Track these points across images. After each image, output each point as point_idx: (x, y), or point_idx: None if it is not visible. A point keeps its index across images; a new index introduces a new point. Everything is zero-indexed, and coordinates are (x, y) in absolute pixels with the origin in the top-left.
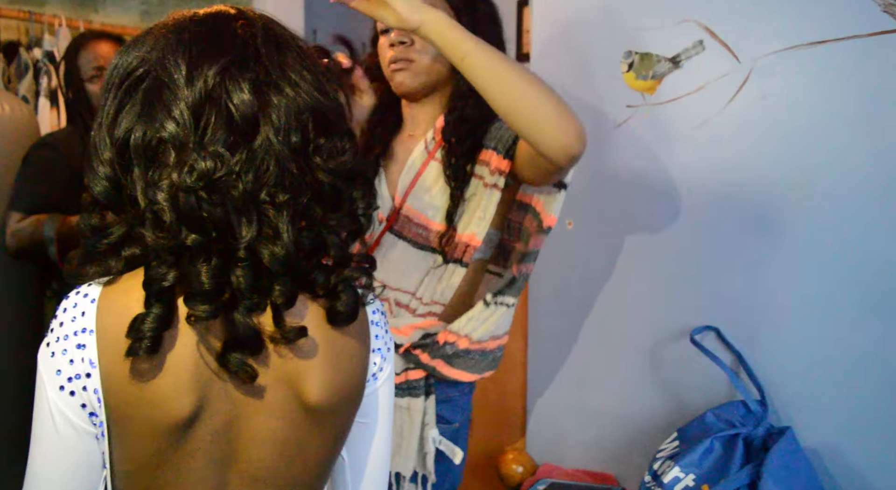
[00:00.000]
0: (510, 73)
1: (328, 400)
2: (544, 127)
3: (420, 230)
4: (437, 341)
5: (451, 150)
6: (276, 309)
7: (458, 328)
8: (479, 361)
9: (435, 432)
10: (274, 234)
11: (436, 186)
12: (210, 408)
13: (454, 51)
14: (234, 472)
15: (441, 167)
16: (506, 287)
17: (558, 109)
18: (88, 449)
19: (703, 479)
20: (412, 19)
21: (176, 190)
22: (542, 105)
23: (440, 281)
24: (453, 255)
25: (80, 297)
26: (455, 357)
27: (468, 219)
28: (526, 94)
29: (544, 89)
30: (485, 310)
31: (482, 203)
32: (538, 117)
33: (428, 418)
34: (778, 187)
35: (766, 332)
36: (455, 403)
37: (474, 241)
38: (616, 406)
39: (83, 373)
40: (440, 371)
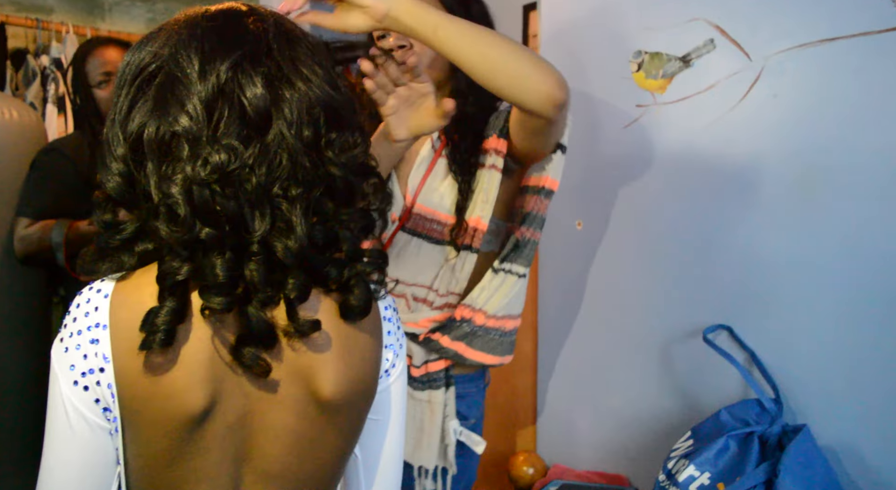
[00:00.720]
0: (483, 38)
1: (341, 395)
2: (525, 81)
3: (435, 225)
4: (454, 318)
5: (455, 146)
6: (290, 303)
7: (471, 301)
8: (498, 343)
9: (456, 423)
10: (287, 228)
11: (444, 183)
12: (224, 402)
13: (424, 26)
14: (248, 467)
15: (448, 163)
16: (511, 252)
17: (534, 62)
18: (102, 445)
19: (718, 478)
20: (378, 8)
21: (190, 183)
22: (519, 61)
23: (454, 271)
24: (463, 242)
25: (93, 293)
26: (474, 337)
27: (473, 204)
28: (501, 54)
29: (517, 47)
30: (494, 277)
31: (483, 185)
32: (517, 73)
33: (448, 410)
34: (790, 185)
35: (779, 331)
36: (471, 399)
37: (481, 225)
38: (628, 406)
39: (97, 367)
40: (462, 355)
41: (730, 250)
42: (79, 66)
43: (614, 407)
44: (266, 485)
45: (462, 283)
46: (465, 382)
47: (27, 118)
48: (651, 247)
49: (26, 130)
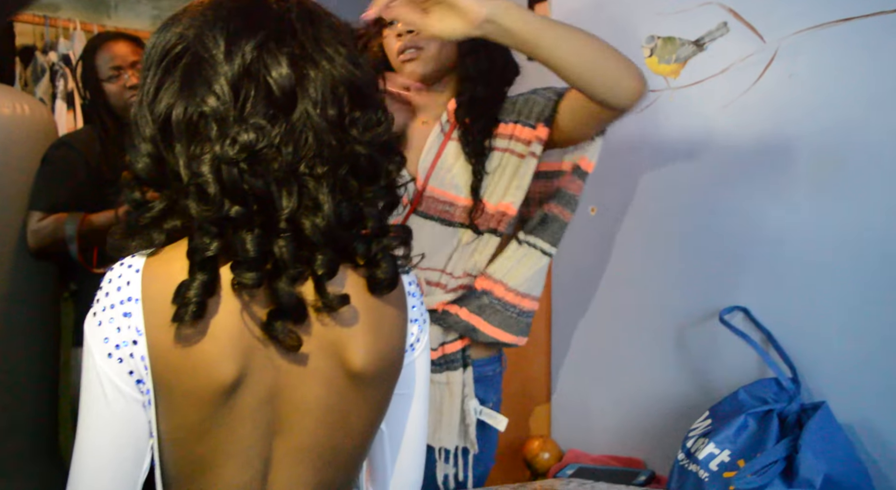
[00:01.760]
0: (579, 42)
1: (371, 367)
2: (618, 81)
3: (446, 207)
4: (473, 288)
5: (466, 129)
6: (318, 279)
7: (493, 271)
8: (515, 320)
9: (475, 403)
10: (314, 206)
11: (456, 165)
12: (254, 375)
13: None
14: (280, 441)
15: (459, 146)
16: (538, 225)
17: (622, 62)
18: (136, 417)
19: (738, 455)
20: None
21: (219, 162)
22: (610, 62)
23: (474, 253)
24: (488, 226)
25: (125, 268)
26: (492, 310)
27: (503, 190)
28: (596, 57)
29: (606, 47)
30: (518, 248)
31: (519, 171)
32: (611, 74)
33: (467, 389)
34: (806, 166)
35: (795, 312)
36: (488, 382)
37: (511, 211)
38: (643, 390)
39: (130, 340)
40: (478, 328)
41: (744, 232)
42: (88, 61)
43: (629, 391)
44: (297, 458)
45: (481, 265)
46: (482, 366)
47: (38, 113)
48: (665, 230)
49: (38, 125)
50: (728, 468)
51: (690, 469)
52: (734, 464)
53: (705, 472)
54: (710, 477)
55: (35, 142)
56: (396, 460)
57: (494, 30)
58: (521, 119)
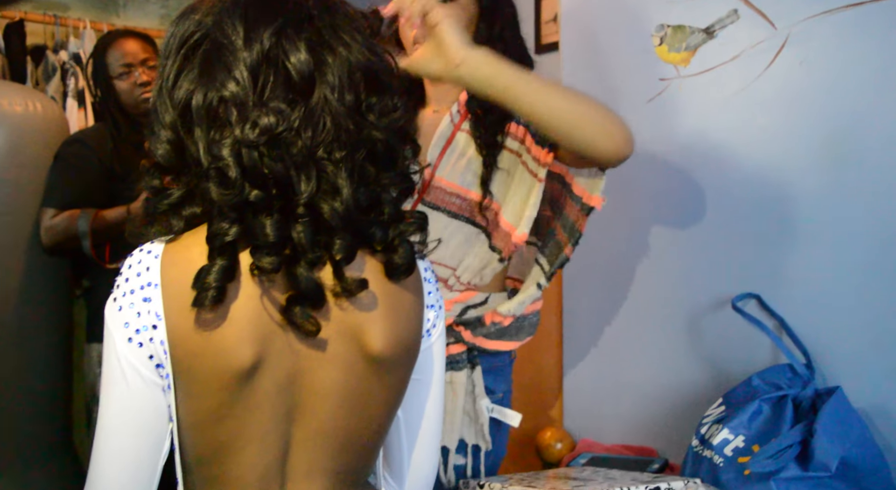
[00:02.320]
0: (556, 97)
1: (390, 351)
2: (597, 143)
3: (454, 199)
4: (482, 320)
5: (478, 120)
6: (337, 263)
7: (506, 310)
8: (518, 330)
9: (487, 401)
10: (333, 190)
11: (465, 156)
12: (273, 360)
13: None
14: (298, 425)
15: (469, 137)
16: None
17: (606, 121)
18: (156, 401)
19: (753, 440)
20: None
21: (239, 146)
22: (592, 123)
23: (483, 268)
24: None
25: (144, 254)
26: (498, 334)
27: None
28: (574, 113)
29: (591, 105)
30: (536, 292)
31: (531, 200)
32: (590, 135)
33: (478, 389)
34: (817, 152)
35: (808, 298)
36: (498, 373)
37: (522, 241)
38: (655, 379)
39: (150, 325)
40: (481, 346)
41: (756, 219)
42: (99, 59)
43: (641, 380)
44: (316, 443)
45: (486, 280)
46: (491, 357)
47: (50, 111)
48: (676, 219)
49: (50, 122)
50: (742, 453)
51: (705, 455)
52: (749, 449)
53: (720, 458)
54: (725, 462)
55: (47, 139)
56: (413, 447)
57: (469, 76)
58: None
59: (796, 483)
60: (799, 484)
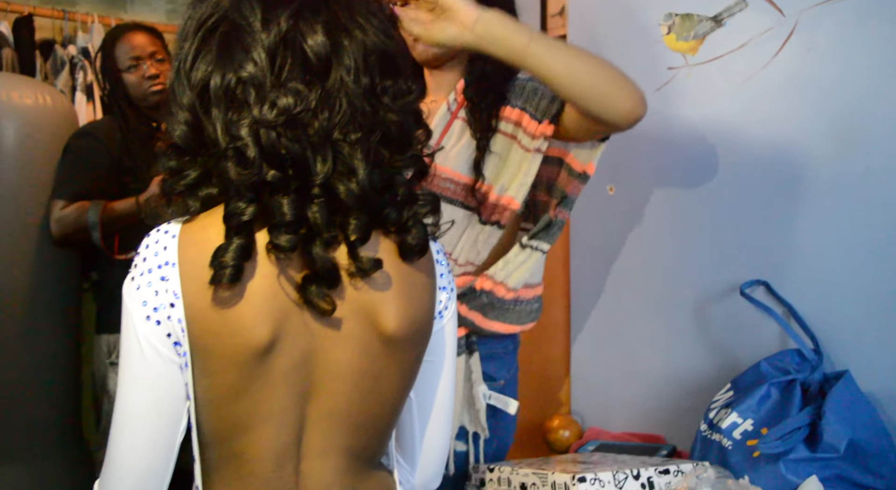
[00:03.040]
0: (573, 57)
1: (404, 330)
2: (611, 101)
3: (448, 184)
4: (473, 288)
5: (473, 105)
6: (352, 244)
7: (493, 273)
8: (516, 313)
9: (484, 388)
10: (349, 171)
11: (460, 143)
12: (289, 339)
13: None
14: (313, 404)
15: (464, 125)
16: (542, 231)
17: (620, 83)
18: (174, 379)
19: (761, 424)
20: (469, 15)
21: (258, 126)
22: (606, 81)
23: (476, 243)
24: (490, 218)
25: (161, 234)
26: (491, 308)
27: (508, 182)
28: (591, 73)
29: (604, 65)
30: (520, 253)
31: (524, 167)
32: (605, 92)
33: (475, 376)
34: (825, 139)
35: (816, 285)
36: (499, 360)
37: (513, 205)
38: (663, 367)
39: (167, 303)
40: (478, 325)
41: (765, 206)
42: (108, 52)
43: (649, 368)
44: (330, 422)
45: (483, 254)
46: (492, 343)
47: (60, 104)
48: (684, 207)
49: (59, 115)
50: (751, 436)
51: (713, 438)
52: (757, 432)
53: (728, 441)
54: (734, 445)
55: (57, 131)
56: (425, 429)
57: (485, 35)
58: (528, 109)
59: (805, 464)
60: (807, 465)
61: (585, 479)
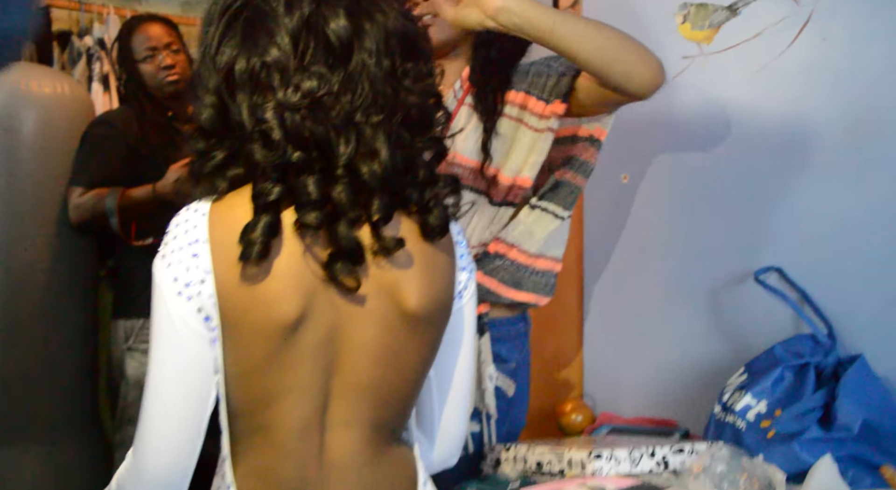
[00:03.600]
0: (596, 32)
1: (425, 309)
2: (634, 72)
3: (456, 169)
4: (487, 252)
5: (479, 89)
6: (375, 223)
7: (505, 234)
8: (532, 282)
9: (492, 369)
10: (371, 153)
11: (468, 127)
12: (315, 315)
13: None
14: (338, 378)
15: (471, 111)
16: (549, 190)
17: (641, 53)
18: (204, 353)
19: (775, 405)
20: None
21: (282, 109)
22: (628, 52)
23: (490, 224)
24: (503, 198)
25: (191, 213)
26: (506, 272)
27: (519, 164)
28: (614, 47)
29: (625, 38)
30: (531, 213)
31: (536, 147)
32: (628, 64)
33: (484, 356)
34: (839, 127)
35: (830, 271)
36: (510, 343)
37: (527, 184)
38: (676, 352)
39: (198, 279)
40: (495, 291)
41: (779, 194)
42: (124, 43)
43: (662, 353)
44: (354, 395)
45: (495, 234)
46: (503, 326)
47: (77, 93)
48: (698, 195)
49: (77, 104)
50: (765, 418)
51: (727, 420)
52: (771, 414)
53: (742, 422)
54: (748, 426)
55: (74, 120)
56: (444, 407)
57: (508, 19)
58: (534, 91)
59: (819, 444)
60: (821, 445)
61: (602, 456)
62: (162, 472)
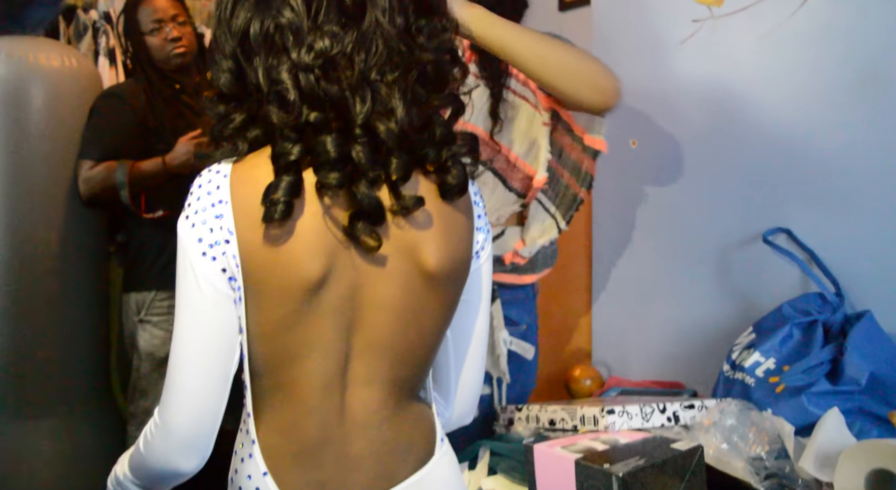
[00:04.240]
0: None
1: (444, 267)
2: (583, 91)
3: None
4: (503, 262)
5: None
6: (393, 183)
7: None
8: (533, 264)
9: (505, 333)
10: (387, 111)
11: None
12: (336, 274)
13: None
14: (357, 337)
15: (474, 79)
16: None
17: (593, 72)
18: (228, 312)
19: (783, 362)
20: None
21: (296, 70)
22: (578, 72)
23: (500, 207)
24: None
25: (213, 174)
26: (515, 269)
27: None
28: (567, 65)
29: (579, 55)
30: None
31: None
32: (576, 83)
33: (496, 322)
34: (850, 87)
35: (837, 232)
36: (520, 305)
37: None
38: (684, 315)
39: (222, 240)
40: (499, 280)
41: (787, 155)
42: (130, 15)
43: (670, 317)
44: (374, 353)
45: (502, 221)
46: (513, 290)
47: (85, 66)
48: (707, 158)
49: (85, 77)
50: (773, 374)
51: (736, 377)
52: (780, 370)
53: (751, 378)
54: (756, 382)
55: (83, 93)
56: (461, 367)
57: (463, 30)
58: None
59: (827, 397)
60: (830, 398)
61: (614, 412)
62: (188, 428)
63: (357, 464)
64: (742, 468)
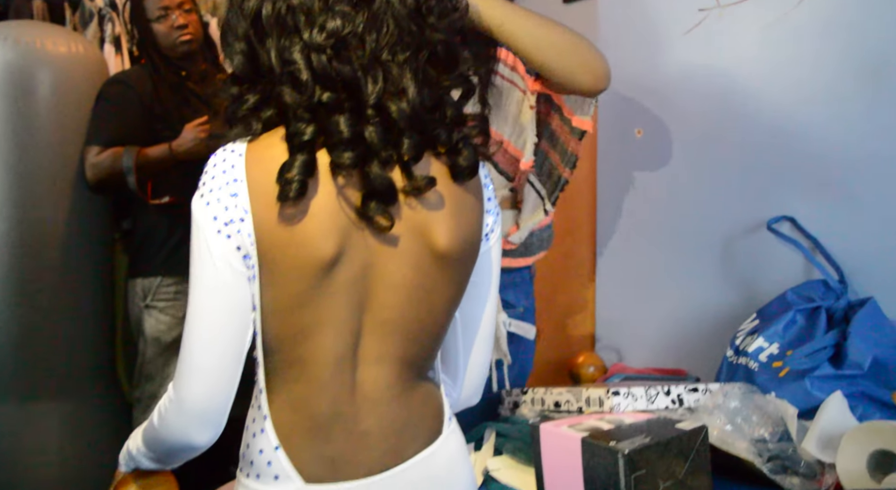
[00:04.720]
0: (544, 33)
1: (455, 248)
2: (575, 72)
3: None
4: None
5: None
6: (405, 163)
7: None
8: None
9: (504, 316)
10: (399, 91)
11: None
12: (349, 253)
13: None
14: (369, 315)
15: None
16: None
17: (586, 54)
18: (242, 290)
19: (787, 347)
20: None
21: (308, 50)
22: (571, 53)
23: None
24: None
25: (228, 153)
26: (508, 253)
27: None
28: (561, 47)
29: (572, 37)
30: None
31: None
32: (572, 67)
33: None
34: (854, 76)
35: (841, 220)
36: (517, 288)
37: (526, 167)
38: (688, 303)
39: (237, 218)
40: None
41: (792, 143)
42: (136, 2)
43: (674, 305)
44: (384, 331)
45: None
46: (510, 273)
47: (91, 52)
48: (712, 147)
49: (92, 63)
50: (777, 358)
51: (740, 362)
52: (783, 355)
53: (755, 363)
54: (760, 367)
55: (89, 79)
56: (469, 348)
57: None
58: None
59: (830, 381)
60: (832, 382)
61: (619, 393)
62: (202, 403)
63: (366, 440)
64: (745, 449)
